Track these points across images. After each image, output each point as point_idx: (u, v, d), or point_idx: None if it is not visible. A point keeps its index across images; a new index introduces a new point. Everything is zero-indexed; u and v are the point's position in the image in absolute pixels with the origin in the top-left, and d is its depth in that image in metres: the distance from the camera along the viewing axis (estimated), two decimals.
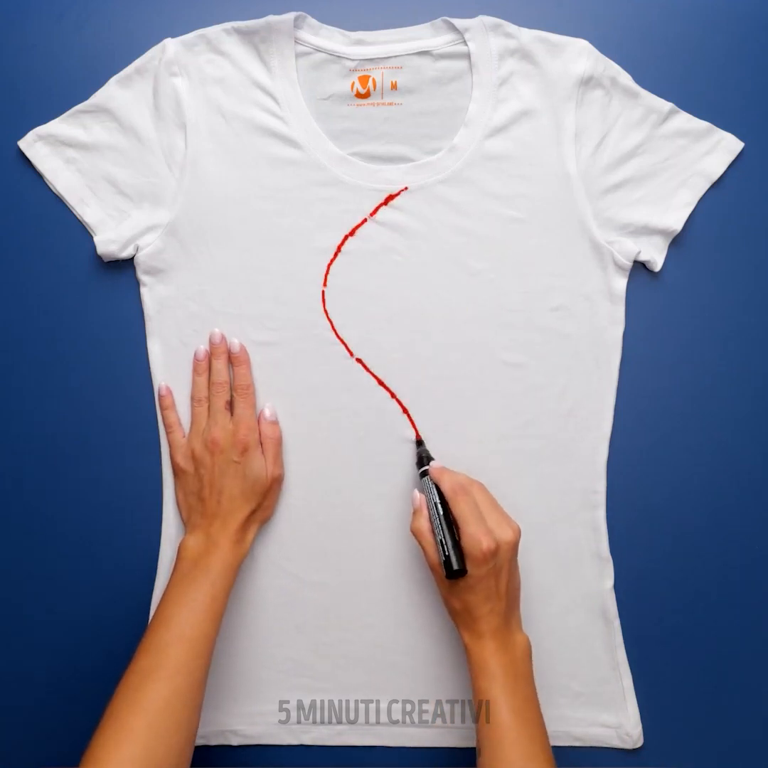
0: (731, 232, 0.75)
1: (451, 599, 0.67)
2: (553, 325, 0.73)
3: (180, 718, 0.61)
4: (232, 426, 0.71)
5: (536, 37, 0.72)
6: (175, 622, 0.64)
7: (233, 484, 0.70)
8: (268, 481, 0.71)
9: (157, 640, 0.64)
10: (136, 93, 0.73)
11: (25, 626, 0.75)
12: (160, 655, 0.63)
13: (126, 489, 0.75)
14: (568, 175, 0.72)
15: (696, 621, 0.74)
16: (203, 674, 0.64)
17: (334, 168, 0.73)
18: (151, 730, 0.59)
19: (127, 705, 0.60)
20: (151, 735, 0.59)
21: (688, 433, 0.75)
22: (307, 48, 0.73)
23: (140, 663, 0.63)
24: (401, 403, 0.73)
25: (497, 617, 0.66)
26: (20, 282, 0.75)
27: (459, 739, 0.74)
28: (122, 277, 0.74)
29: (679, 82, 0.74)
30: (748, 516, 0.75)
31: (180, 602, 0.65)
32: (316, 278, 0.73)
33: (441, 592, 0.68)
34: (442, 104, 0.73)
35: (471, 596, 0.65)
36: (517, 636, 0.67)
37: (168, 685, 0.61)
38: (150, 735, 0.59)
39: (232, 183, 0.73)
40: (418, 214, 0.73)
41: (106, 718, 0.60)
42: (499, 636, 0.66)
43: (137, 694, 0.61)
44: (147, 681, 0.61)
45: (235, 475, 0.70)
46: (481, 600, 0.65)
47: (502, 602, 0.66)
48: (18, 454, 0.75)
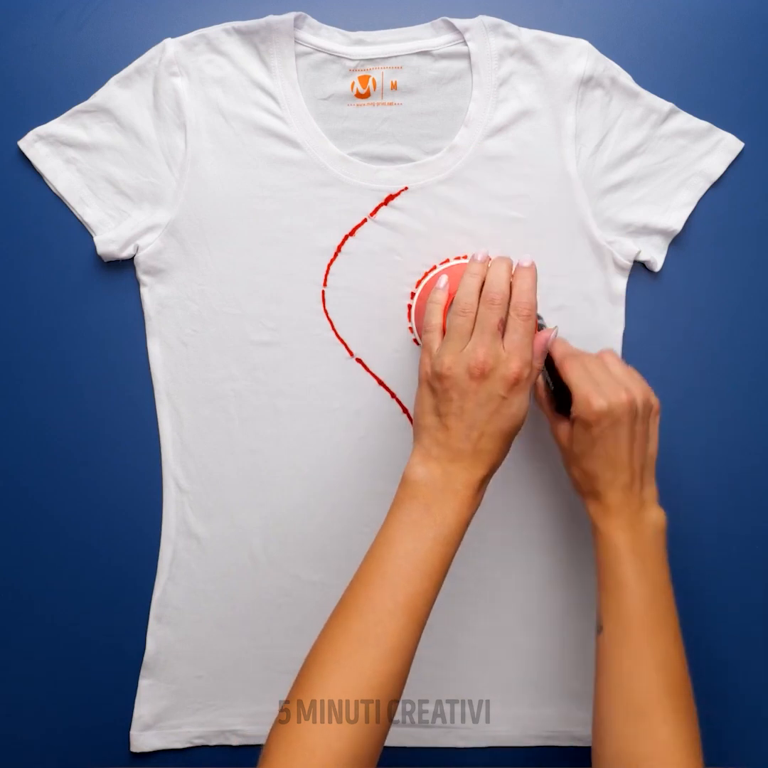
0: (731, 232, 0.75)
1: (570, 467, 0.65)
2: (553, 325, 0.73)
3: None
4: (504, 353, 0.59)
5: (536, 37, 0.72)
6: (399, 582, 0.56)
7: (494, 422, 0.59)
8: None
9: (380, 605, 0.56)
10: (136, 93, 0.73)
11: (24, 626, 0.75)
12: (378, 627, 0.56)
13: (126, 489, 0.75)
14: (568, 175, 0.72)
15: (696, 621, 0.74)
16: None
17: (334, 168, 0.73)
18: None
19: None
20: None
21: (688, 433, 0.75)
22: (307, 48, 0.73)
23: (354, 627, 0.56)
24: (401, 403, 0.74)
25: (622, 490, 0.62)
26: (20, 282, 0.75)
27: (459, 739, 0.74)
28: (122, 277, 0.74)
29: (679, 82, 0.74)
30: (749, 516, 0.75)
31: (410, 557, 0.57)
32: (316, 278, 0.73)
33: (563, 461, 0.66)
34: (442, 104, 0.73)
35: (589, 462, 0.62)
36: (650, 512, 0.62)
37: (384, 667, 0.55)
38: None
39: (232, 183, 0.73)
40: (418, 214, 0.73)
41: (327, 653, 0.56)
42: (626, 511, 0.61)
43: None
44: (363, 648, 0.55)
45: (498, 412, 0.59)
46: (599, 467, 0.62)
47: (625, 472, 0.62)
48: (18, 455, 0.75)
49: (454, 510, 0.58)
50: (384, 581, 0.57)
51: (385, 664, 0.55)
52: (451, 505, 0.58)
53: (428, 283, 0.72)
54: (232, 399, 0.74)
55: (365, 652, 0.55)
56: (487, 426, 0.59)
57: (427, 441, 0.60)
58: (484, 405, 0.59)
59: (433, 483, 0.59)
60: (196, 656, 0.73)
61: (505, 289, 0.60)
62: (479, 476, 0.59)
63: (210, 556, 0.74)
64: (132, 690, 0.73)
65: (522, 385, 0.59)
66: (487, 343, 0.59)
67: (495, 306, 0.60)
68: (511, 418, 0.60)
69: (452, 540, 0.58)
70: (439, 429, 0.60)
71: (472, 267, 0.63)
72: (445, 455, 0.59)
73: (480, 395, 0.59)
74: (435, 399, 0.60)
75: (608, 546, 0.61)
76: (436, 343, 0.62)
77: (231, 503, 0.74)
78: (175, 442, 0.74)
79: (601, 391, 0.62)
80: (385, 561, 0.57)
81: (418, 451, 0.61)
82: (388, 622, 0.56)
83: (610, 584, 0.61)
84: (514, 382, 0.59)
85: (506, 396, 0.59)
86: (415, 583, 0.56)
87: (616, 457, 0.62)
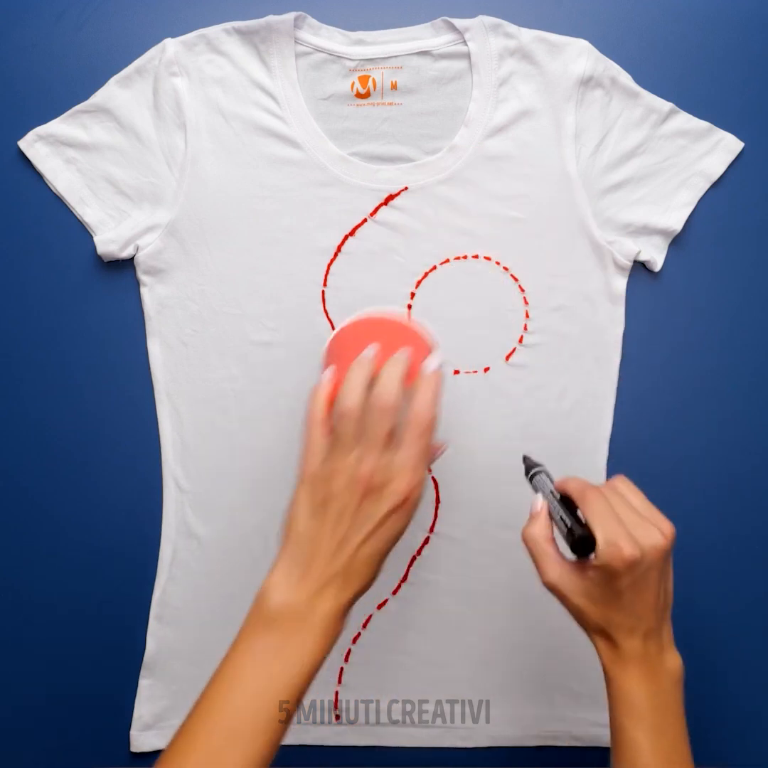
0: (731, 232, 0.75)
1: (585, 615, 0.55)
2: (553, 325, 0.73)
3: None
4: (395, 469, 0.54)
5: (536, 37, 0.72)
6: (244, 730, 0.51)
7: (370, 543, 0.54)
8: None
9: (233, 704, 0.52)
10: (136, 93, 0.73)
11: (24, 626, 0.75)
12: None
13: (126, 489, 0.75)
14: (568, 175, 0.72)
15: (696, 621, 0.74)
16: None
17: (334, 168, 0.73)
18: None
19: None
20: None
21: (689, 433, 0.75)
22: (307, 48, 0.73)
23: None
24: None
25: (643, 639, 0.55)
26: (20, 282, 0.75)
27: (459, 739, 0.74)
28: (122, 277, 0.74)
29: (679, 82, 0.74)
30: (749, 516, 0.75)
31: (259, 698, 0.52)
32: (316, 278, 0.73)
33: (573, 607, 0.56)
34: (442, 104, 0.73)
35: (607, 611, 0.54)
36: (668, 658, 0.56)
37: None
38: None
39: (232, 183, 0.73)
40: (418, 214, 0.73)
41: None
42: (647, 662, 0.55)
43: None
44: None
45: (376, 533, 0.54)
46: (622, 617, 0.54)
47: (649, 620, 0.54)
48: (18, 455, 0.75)
49: (315, 643, 0.53)
50: (225, 726, 0.51)
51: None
52: (311, 639, 0.53)
53: (339, 334, 0.63)
54: (232, 399, 0.74)
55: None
56: (362, 547, 0.54)
57: (294, 553, 0.55)
58: (363, 524, 0.54)
59: (294, 612, 0.53)
60: (196, 656, 0.73)
61: (398, 394, 0.55)
62: (345, 601, 0.54)
63: (210, 556, 0.74)
64: (132, 690, 0.73)
65: (407, 508, 0.54)
66: (374, 456, 0.54)
67: (386, 414, 0.54)
68: (388, 541, 0.55)
69: (308, 676, 0.53)
70: (309, 541, 0.54)
71: (360, 361, 0.57)
72: (311, 575, 0.54)
73: (360, 513, 0.54)
74: (313, 505, 0.55)
75: (624, 701, 0.55)
76: (318, 443, 0.56)
77: (231, 503, 0.74)
78: (175, 442, 0.74)
79: (631, 535, 0.53)
80: (230, 701, 0.52)
81: (281, 566, 0.55)
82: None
83: (624, 743, 0.55)
84: (401, 503, 0.54)
85: (387, 517, 0.54)
86: (257, 736, 0.51)
87: (644, 605, 0.54)
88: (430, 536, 0.74)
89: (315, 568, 0.54)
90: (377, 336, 0.60)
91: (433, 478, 0.73)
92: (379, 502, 0.54)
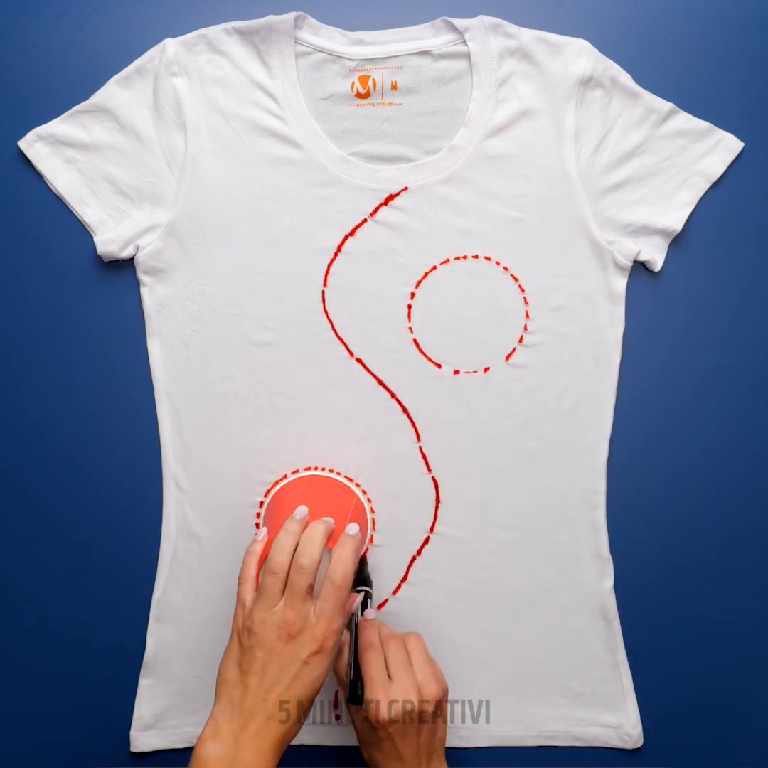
0: (731, 232, 0.75)
1: (362, 747, 0.66)
2: (553, 325, 0.73)
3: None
4: (314, 618, 0.61)
5: (536, 37, 0.72)
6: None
7: (293, 687, 0.60)
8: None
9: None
10: (136, 93, 0.73)
11: (24, 626, 0.75)
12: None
13: (126, 489, 0.75)
14: (568, 175, 0.72)
15: (696, 621, 0.74)
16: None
17: (334, 168, 0.73)
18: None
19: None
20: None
21: (689, 433, 0.75)
22: (307, 48, 0.73)
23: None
24: (401, 403, 0.73)
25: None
26: (20, 282, 0.75)
27: (458, 739, 0.74)
28: (122, 277, 0.74)
29: (679, 82, 0.74)
30: (749, 516, 0.75)
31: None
32: (316, 278, 0.73)
33: (357, 737, 0.66)
34: (442, 104, 0.73)
35: (375, 753, 0.64)
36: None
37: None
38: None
39: (232, 183, 0.73)
40: (418, 214, 0.73)
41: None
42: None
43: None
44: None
45: (298, 677, 0.60)
46: (385, 759, 0.63)
47: (412, 763, 0.63)
48: (18, 455, 0.75)
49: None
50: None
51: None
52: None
53: (279, 492, 0.72)
54: (232, 399, 0.74)
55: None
56: (285, 691, 0.60)
57: (223, 701, 0.60)
58: (286, 667, 0.60)
59: (224, 758, 0.58)
60: (196, 656, 0.73)
61: (315, 554, 0.62)
62: (274, 742, 0.59)
63: (210, 556, 0.74)
64: (132, 690, 0.73)
65: (325, 653, 0.60)
66: (296, 606, 0.61)
67: (303, 572, 0.61)
68: (309, 685, 0.60)
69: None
70: (237, 686, 0.60)
71: (288, 525, 0.64)
72: (238, 720, 0.59)
73: (284, 657, 0.60)
74: (241, 653, 0.61)
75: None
76: (249, 596, 0.63)
77: (231, 503, 0.74)
78: (175, 442, 0.74)
79: (392, 695, 0.62)
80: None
81: (212, 719, 0.60)
82: None
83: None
84: (318, 648, 0.60)
85: (308, 661, 0.60)
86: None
87: (403, 754, 0.63)
88: (430, 536, 0.74)
89: (241, 711, 0.60)
90: (314, 495, 0.69)
91: (433, 478, 0.73)
92: (301, 645, 0.60)
